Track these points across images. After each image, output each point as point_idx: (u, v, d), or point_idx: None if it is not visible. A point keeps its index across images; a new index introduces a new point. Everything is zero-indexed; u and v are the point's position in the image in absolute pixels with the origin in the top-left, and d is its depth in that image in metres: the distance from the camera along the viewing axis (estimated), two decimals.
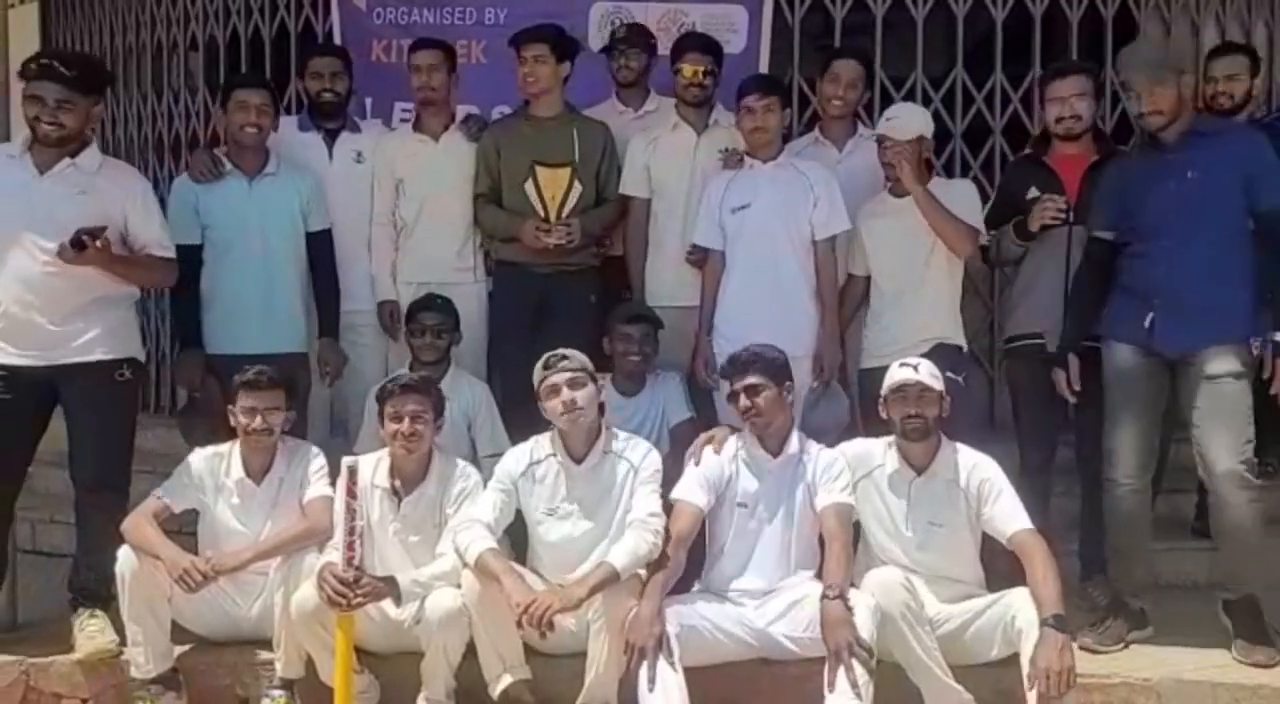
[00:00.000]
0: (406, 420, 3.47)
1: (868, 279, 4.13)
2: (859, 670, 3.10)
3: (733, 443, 3.55)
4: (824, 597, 3.22)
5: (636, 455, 3.50)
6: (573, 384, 3.45)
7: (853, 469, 3.48)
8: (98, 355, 3.66)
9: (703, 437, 3.62)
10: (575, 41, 4.42)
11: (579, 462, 3.50)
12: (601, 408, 3.56)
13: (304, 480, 3.63)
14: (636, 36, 4.53)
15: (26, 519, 4.18)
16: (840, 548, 3.33)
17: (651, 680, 3.13)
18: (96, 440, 3.68)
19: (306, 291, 4.26)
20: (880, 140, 3.99)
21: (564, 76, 4.33)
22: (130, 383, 3.77)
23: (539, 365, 3.53)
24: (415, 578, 3.38)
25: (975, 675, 3.30)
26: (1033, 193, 3.91)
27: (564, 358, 3.50)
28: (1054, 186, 3.88)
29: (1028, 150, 4.10)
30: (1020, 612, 3.22)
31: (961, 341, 4.07)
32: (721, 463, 3.50)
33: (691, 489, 3.46)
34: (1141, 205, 3.54)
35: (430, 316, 4.12)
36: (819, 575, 3.40)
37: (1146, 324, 3.53)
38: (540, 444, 3.56)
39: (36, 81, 3.56)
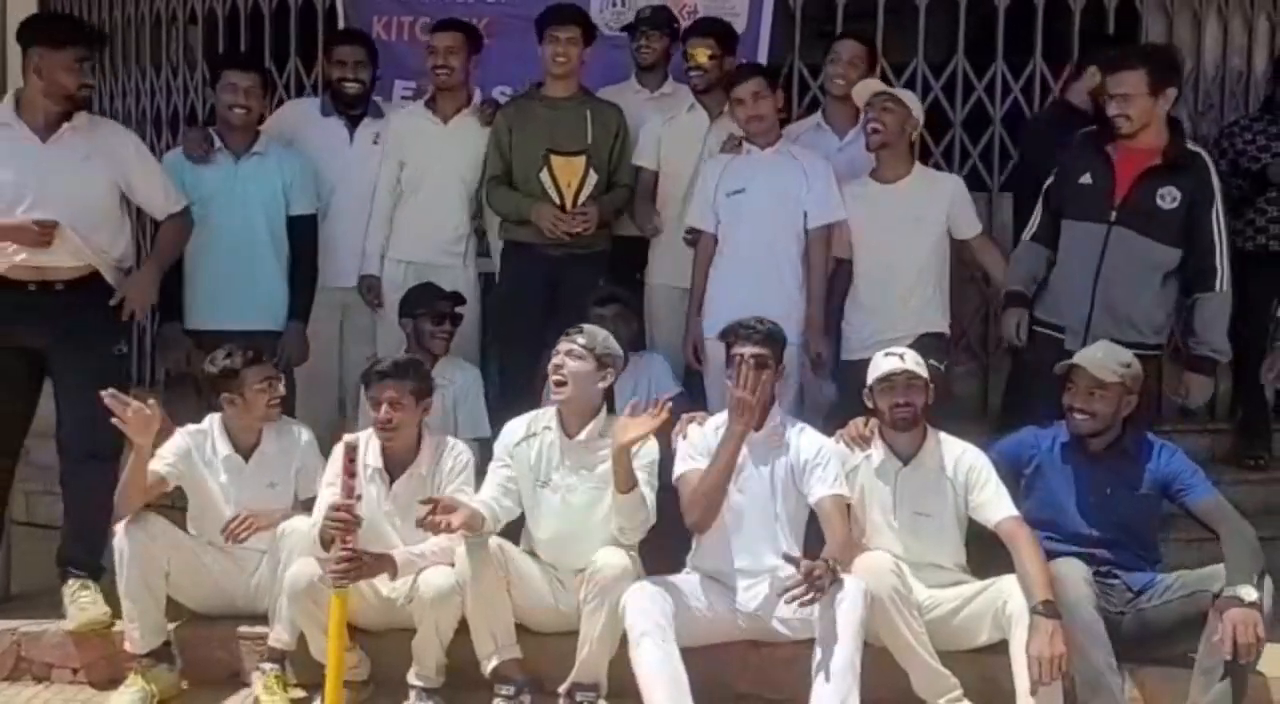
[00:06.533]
0: (385, 407, 3.44)
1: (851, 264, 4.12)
2: (846, 652, 3.10)
3: (715, 419, 3.56)
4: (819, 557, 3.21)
5: None
6: (571, 354, 3.45)
7: (841, 459, 3.49)
8: (94, 329, 3.66)
9: (685, 417, 3.62)
10: (594, 25, 4.41)
11: (573, 437, 3.50)
12: (609, 393, 3.56)
13: (298, 458, 3.63)
14: (660, 18, 4.49)
15: (20, 491, 4.17)
16: (842, 540, 3.32)
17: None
18: (88, 413, 3.67)
19: (288, 272, 4.23)
20: (870, 103, 3.97)
21: (583, 59, 4.32)
22: (123, 357, 3.78)
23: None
24: (410, 551, 3.38)
25: (960, 661, 3.32)
26: (1085, 179, 3.79)
27: (580, 332, 3.50)
28: (1104, 179, 3.75)
29: (1093, 127, 3.94)
30: (1012, 598, 3.24)
31: (945, 329, 4.07)
32: (706, 434, 3.51)
33: (690, 458, 3.47)
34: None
35: (446, 305, 4.14)
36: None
37: None
38: (540, 418, 3.58)
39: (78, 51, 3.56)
